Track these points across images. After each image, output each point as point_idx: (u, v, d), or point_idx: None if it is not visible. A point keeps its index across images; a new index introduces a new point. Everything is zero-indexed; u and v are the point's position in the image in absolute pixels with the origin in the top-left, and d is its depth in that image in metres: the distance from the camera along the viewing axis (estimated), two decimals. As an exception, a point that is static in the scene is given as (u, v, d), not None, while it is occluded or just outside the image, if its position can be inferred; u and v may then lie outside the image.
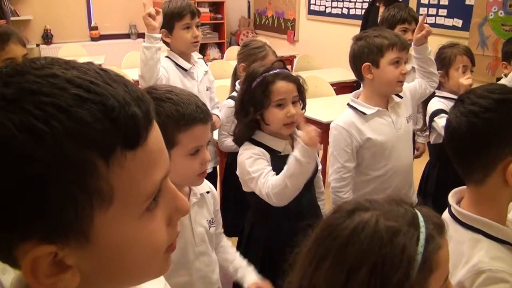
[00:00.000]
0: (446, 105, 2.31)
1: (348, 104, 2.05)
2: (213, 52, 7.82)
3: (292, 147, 1.77)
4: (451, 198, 1.15)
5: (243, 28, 8.04)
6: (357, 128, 1.96)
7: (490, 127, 1.04)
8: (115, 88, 0.48)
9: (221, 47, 7.88)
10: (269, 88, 1.70)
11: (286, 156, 1.67)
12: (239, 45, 7.43)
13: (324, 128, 3.27)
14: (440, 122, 2.23)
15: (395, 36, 1.95)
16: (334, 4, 6.25)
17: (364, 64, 1.93)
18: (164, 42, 2.43)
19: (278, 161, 1.73)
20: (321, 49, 6.27)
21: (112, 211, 0.48)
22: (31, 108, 0.43)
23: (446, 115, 1.22)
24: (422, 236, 0.72)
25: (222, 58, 6.39)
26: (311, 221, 0.82)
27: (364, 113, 1.97)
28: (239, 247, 1.93)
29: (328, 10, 6.37)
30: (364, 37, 1.98)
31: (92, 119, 0.44)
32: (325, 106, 3.57)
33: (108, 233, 0.49)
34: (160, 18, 2.25)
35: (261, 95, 1.70)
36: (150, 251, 0.53)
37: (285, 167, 1.59)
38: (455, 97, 2.28)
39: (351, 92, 4.60)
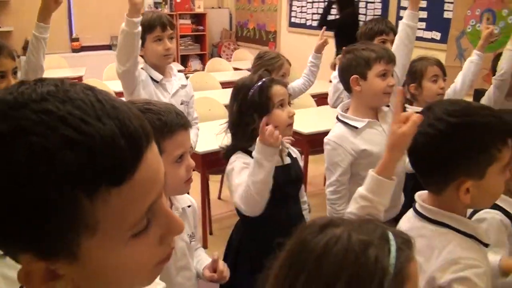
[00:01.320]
0: None
1: (338, 118, 2.07)
2: (194, 63, 7.84)
3: (282, 158, 1.84)
4: (418, 197, 1.19)
5: (224, 40, 8.09)
6: (350, 141, 1.98)
7: (445, 151, 1.08)
8: (106, 125, 0.49)
9: (202, 59, 7.91)
10: (270, 91, 1.79)
11: (278, 169, 1.74)
12: (220, 56, 7.49)
13: (304, 139, 3.31)
14: None
15: (382, 49, 1.99)
16: (315, 16, 6.34)
17: (352, 76, 1.97)
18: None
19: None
20: (303, 61, 6.32)
21: (97, 239, 0.51)
22: (20, 148, 0.46)
23: None
24: (393, 248, 0.74)
25: (203, 69, 6.40)
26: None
27: (356, 127, 2.00)
28: (226, 259, 1.93)
29: (308, 23, 6.45)
30: (352, 50, 2.02)
31: (77, 161, 0.47)
32: (306, 117, 3.61)
33: (96, 255, 0.52)
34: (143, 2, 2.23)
35: (264, 100, 1.78)
36: (138, 269, 0.56)
37: None
38: None
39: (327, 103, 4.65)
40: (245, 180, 1.70)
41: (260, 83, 1.80)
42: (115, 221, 0.51)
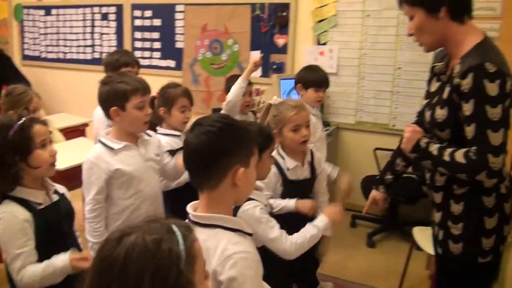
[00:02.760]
0: (170, 141, 2.60)
1: (99, 140, 2.17)
2: None
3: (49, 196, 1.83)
4: (189, 208, 1.38)
5: None
6: (105, 161, 2.09)
7: (224, 143, 1.33)
8: None
9: None
10: (30, 131, 1.74)
11: (48, 208, 1.77)
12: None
13: (60, 175, 3.20)
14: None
15: (137, 81, 2.12)
16: (50, 49, 6.12)
17: (112, 109, 2.08)
18: None
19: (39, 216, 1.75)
20: (46, 96, 6.04)
21: None
22: None
23: None
24: (180, 237, 0.91)
25: None
26: None
27: (112, 148, 2.11)
28: None
29: (43, 55, 6.17)
30: (109, 82, 2.11)
31: None
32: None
33: None
34: None
35: (24, 140, 1.72)
36: None
37: None
38: (176, 133, 2.63)
39: (81, 135, 4.59)
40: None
41: (19, 122, 1.74)
42: None
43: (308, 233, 1.88)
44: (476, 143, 1.58)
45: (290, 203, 2.18)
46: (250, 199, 1.82)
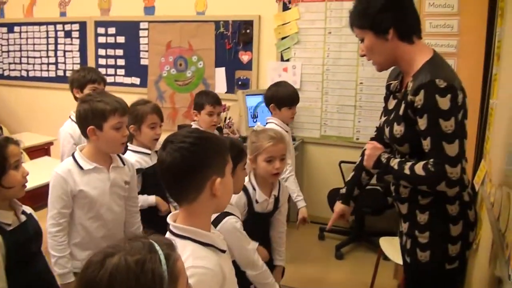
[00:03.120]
0: (140, 160, 2.59)
1: (72, 154, 2.14)
2: None
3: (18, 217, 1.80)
4: (169, 218, 1.40)
5: None
6: (73, 178, 2.07)
7: (198, 157, 1.34)
8: None
9: None
10: (5, 151, 1.73)
11: (16, 229, 1.76)
12: None
13: (26, 195, 3.13)
14: None
15: (116, 101, 2.10)
16: (12, 66, 5.99)
17: (89, 127, 2.05)
18: None
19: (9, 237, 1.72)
20: (9, 115, 5.91)
21: None
22: None
23: None
24: (162, 257, 0.92)
25: None
26: None
27: (82, 168, 2.09)
28: None
29: (6, 73, 6.03)
30: (88, 100, 2.09)
31: None
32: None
33: None
34: None
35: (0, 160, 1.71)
36: None
37: None
38: (146, 151, 2.63)
39: (45, 154, 4.50)
40: None
41: None
42: None
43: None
44: (433, 155, 1.65)
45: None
46: (228, 213, 1.86)
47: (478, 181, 2.16)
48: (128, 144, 2.61)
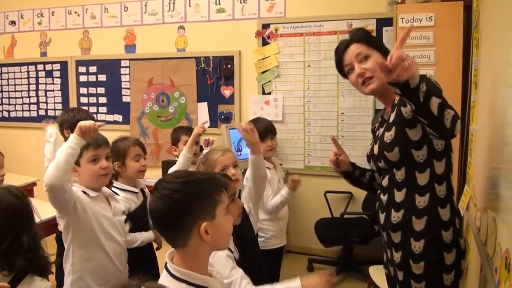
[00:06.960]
0: (128, 199, 2.57)
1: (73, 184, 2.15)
2: None
3: None
4: (167, 256, 1.39)
5: None
6: (83, 195, 2.11)
7: (180, 204, 1.34)
8: None
9: None
10: None
11: None
12: None
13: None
14: None
15: (90, 138, 2.10)
16: (7, 107, 5.95)
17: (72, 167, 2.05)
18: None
19: None
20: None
21: None
22: None
23: None
24: None
25: None
26: None
27: (88, 194, 2.14)
28: None
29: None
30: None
31: None
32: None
33: None
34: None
35: None
36: None
37: None
38: (133, 189, 2.61)
39: (29, 195, 4.41)
40: None
41: None
42: None
43: None
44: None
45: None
46: None
47: (463, 206, 2.20)
48: (114, 181, 2.59)
